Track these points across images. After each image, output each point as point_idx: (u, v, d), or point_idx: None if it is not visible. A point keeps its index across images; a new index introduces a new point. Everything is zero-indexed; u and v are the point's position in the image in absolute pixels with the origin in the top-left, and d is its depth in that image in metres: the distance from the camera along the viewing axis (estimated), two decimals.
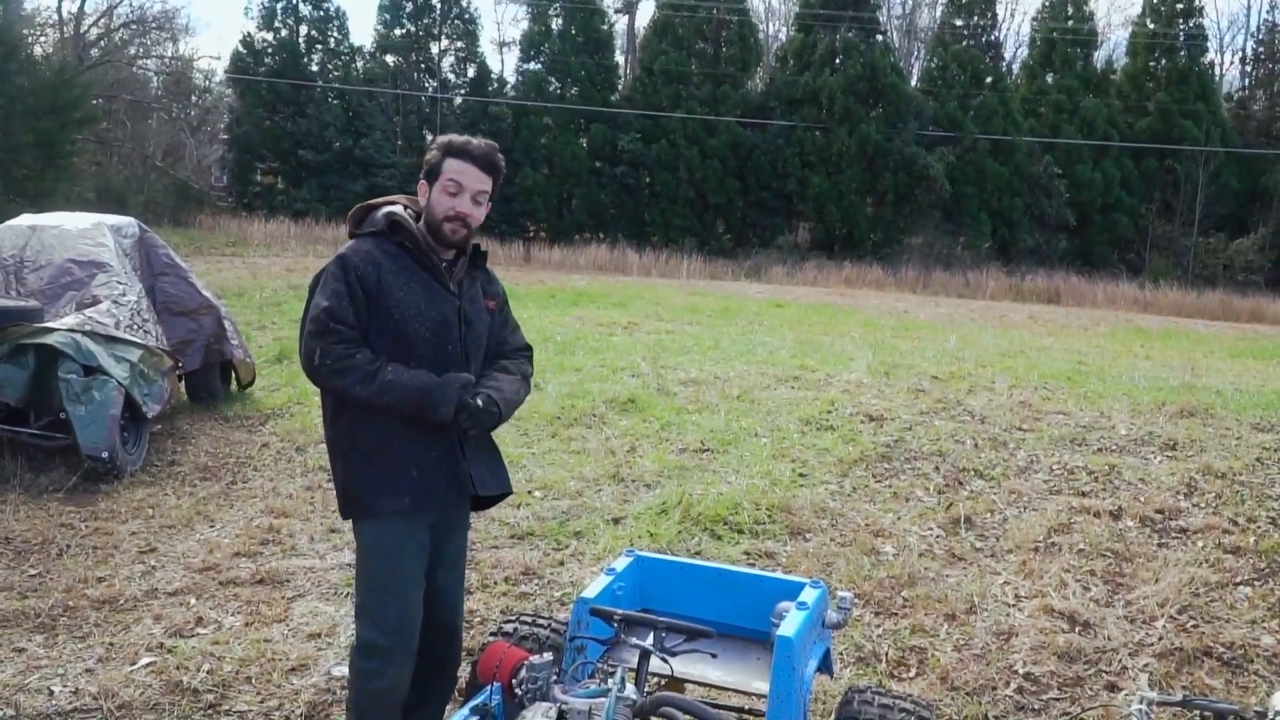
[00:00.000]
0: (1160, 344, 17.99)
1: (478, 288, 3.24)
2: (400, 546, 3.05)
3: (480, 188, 3.09)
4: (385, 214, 3.12)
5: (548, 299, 19.09)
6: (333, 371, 2.93)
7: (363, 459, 3.05)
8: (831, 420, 9.00)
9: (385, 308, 3.01)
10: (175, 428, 8.02)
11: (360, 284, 2.99)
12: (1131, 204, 37.13)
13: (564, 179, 35.91)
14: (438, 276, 3.10)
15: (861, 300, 24.21)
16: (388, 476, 3.02)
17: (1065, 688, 4.28)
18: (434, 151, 3.12)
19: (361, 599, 3.12)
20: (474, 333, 3.17)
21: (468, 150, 3.08)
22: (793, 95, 36.36)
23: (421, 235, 3.09)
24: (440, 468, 3.07)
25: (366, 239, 3.12)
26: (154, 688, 3.95)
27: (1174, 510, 6.70)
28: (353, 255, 3.04)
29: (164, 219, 30.18)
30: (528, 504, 6.36)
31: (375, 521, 3.06)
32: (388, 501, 3.02)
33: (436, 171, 3.07)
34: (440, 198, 3.06)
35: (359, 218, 3.21)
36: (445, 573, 3.23)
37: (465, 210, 3.06)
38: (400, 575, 3.05)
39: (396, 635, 3.04)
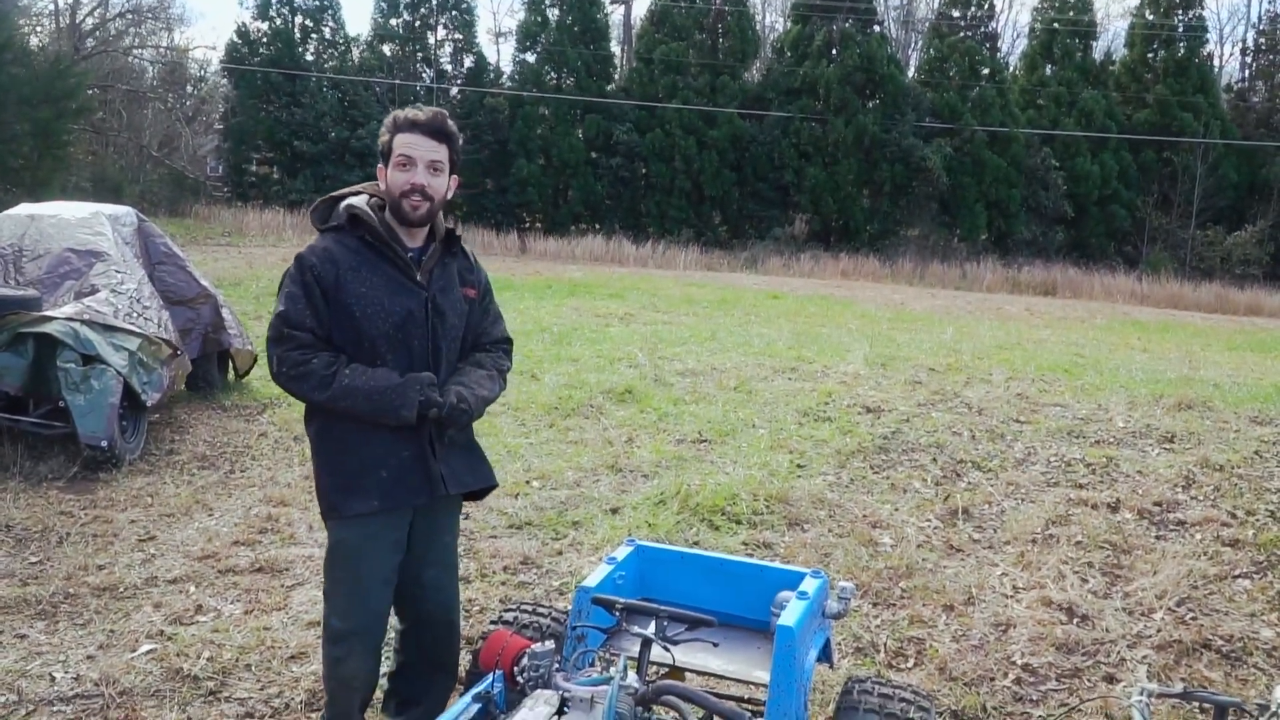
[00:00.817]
0: (1157, 337, 18.01)
1: (452, 275, 3.13)
2: (367, 547, 3.02)
3: (433, 157, 2.97)
4: (345, 207, 3.02)
5: (544, 289, 19.08)
6: (289, 379, 2.90)
7: (332, 460, 3.01)
8: (829, 411, 9.01)
9: (345, 306, 2.93)
10: (173, 417, 8.02)
11: (318, 284, 2.91)
12: (1129, 196, 37.11)
13: (560, 170, 35.82)
14: (403, 268, 3.00)
15: (858, 292, 24.22)
16: (357, 478, 2.97)
17: (1063, 679, 4.29)
18: (383, 132, 3.02)
19: (330, 590, 3.12)
20: (446, 324, 3.06)
21: (413, 121, 2.96)
22: (790, 86, 36.30)
23: (383, 226, 2.99)
24: (412, 469, 3.01)
25: (327, 235, 3.03)
26: (154, 674, 3.95)
27: (1172, 503, 6.71)
28: (309, 255, 2.96)
29: (160, 209, 30.13)
30: (526, 494, 6.36)
31: (345, 522, 3.02)
32: (356, 503, 2.98)
33: (388, 150, 2.98)
34: (395, 174, 2.96)
35: (323, 212, 3.12)
36: (436, 572, 3.20)
37: (420, 181, 2.94)
38: (366, 575, 3.04)
39: (359, 628, 3.06)
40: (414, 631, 3.23)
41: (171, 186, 33.48)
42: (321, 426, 3.01)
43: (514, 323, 13.43)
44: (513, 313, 14.84)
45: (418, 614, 3.21)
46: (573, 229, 35.44)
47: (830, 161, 35.34)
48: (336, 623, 3.06)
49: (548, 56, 37.11)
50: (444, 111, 3.02)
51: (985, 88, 36.90)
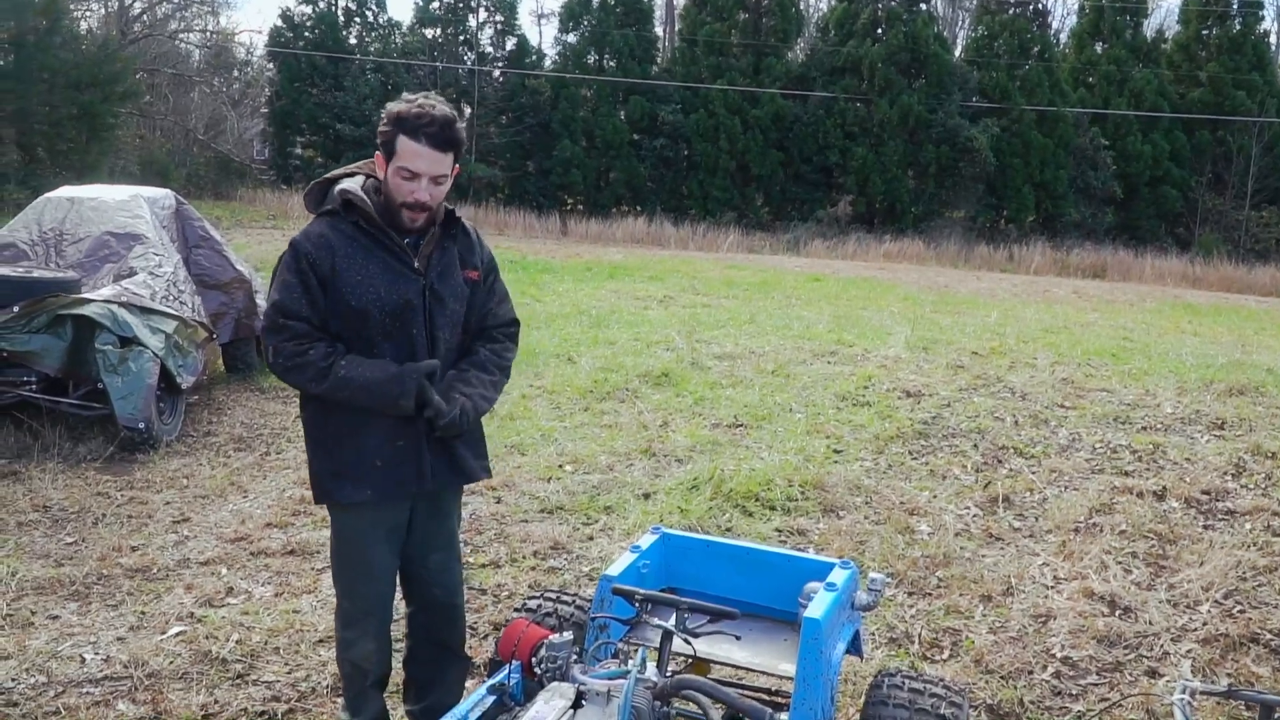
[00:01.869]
0: (1209, 320, 17.59)
1: (452, 258, 3.01)
2: (367, 534, 3.00)
3: (439, 170, 2.82)
4: (339, 192, 2.91)
5: (583, 272, 19.04)
6: (286, 370, 2.84)
7: (325, 447, 2.97)
8: (868, 396, 8.88)
9: (341, 294, 2.85)
10: (211, 399, 8.08)
11: (313, 271, 2.83)
12: (1181, 177, 36.25)
13: (603, 151, 35.68)
14: (399, 255, 2.90)
15: (901, 275, 23.91)
16: (350, 467, 2.93)
17: (1104, 673, 4.18)
18: (386, 124, 2.82)
19: (336, 573, 3.11)
20: (445, 311, 2.97)
21: (421, 130, 2.76)
22: (834, 65, 35.85)
23: (379, 211, 2.88)
24: (406, 460, 2.96)
25: (322, 220, 2.92)
26: (183, 657, 3.96)
27: (1221, 491, 6.53)
28: (304, 241, 2.87)
29: (206, 192, 30.50)
30: (558, 478, 6.33)
31: (341, 510, 3.01)
32: (351, 492, 2.94)
33: (390, 149, 2.81)
34: (396, 182, 2.82)
35: (317, 195, 3.01)
36: (440, 556, 3.17)
37: (423, 198, 2.82)
38: (368, 559, 3.02)
39: (366, 610, 3.06)
40: (420, 615, 3.23)
41: (217, 170, 33.84)
42: (316, 412, 2.97)
43: (552, 305, 13.51)
44: (551, 295, 14.83)
45: (423, 598, 3.20)
46: (614, 211, 35.35)
47: (876, 142, 34.87)
48: (346, 605, 3.09)
49: (590, 38, 36.95)
50: (453, 116, 2.84)
51: (1034, 66, 36.16)
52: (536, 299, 14.43)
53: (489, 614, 4.43)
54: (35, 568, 4.75)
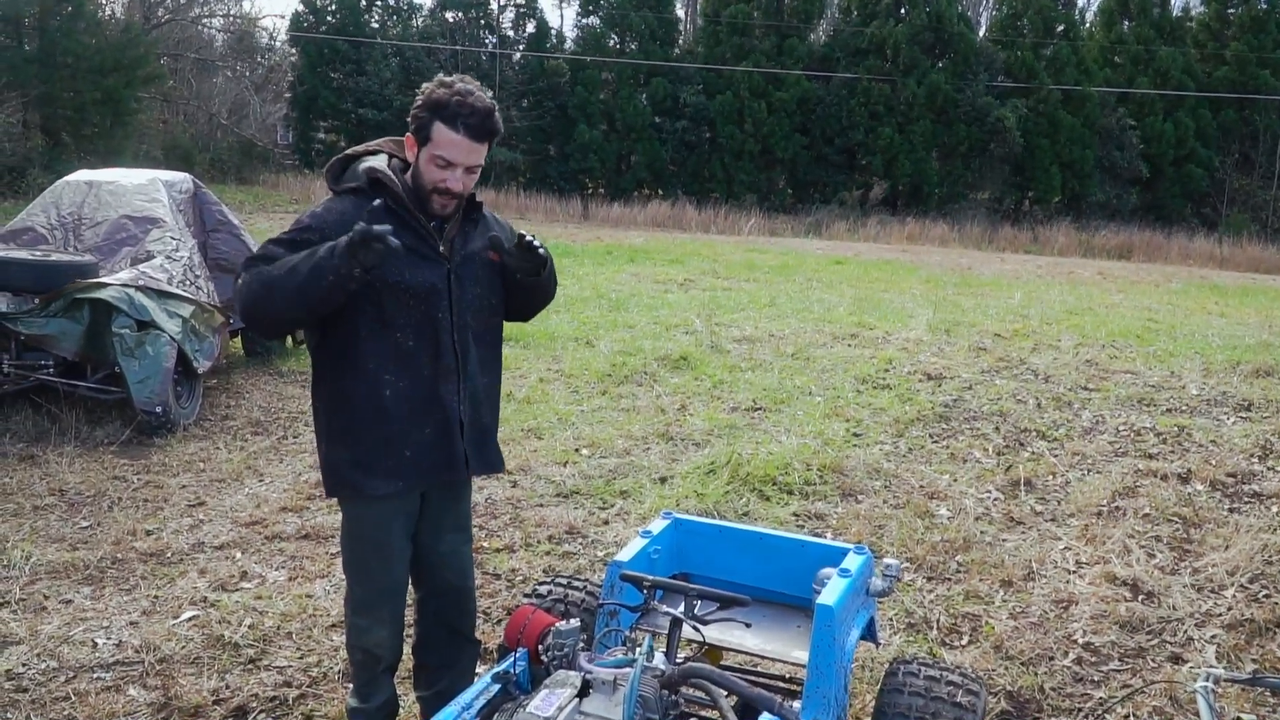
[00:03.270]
0: (1236, 301, 17.34)
1: (474, 243, 2.91)
2: (386, 522, 2.90)
3: (474, 161, 2.73)
4: (366, 169, 2.78)
5: (604, 255, 18.98)
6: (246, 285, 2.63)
7: (347, 435, 2.82)
8: (888, 379, 8.79)
9: None
10: (230, 382, 8.10)
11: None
12: (1207, 156, 35.71)
13: (624, 135, 35.51)
14: (425, 238, 2.79)
15: (924, 257, 23.71)
16: (377, 457, 2.81)
17: (1127, 659, 4.10)
18: (422, 109, 2.70)
19: (349, 562, 3.00)
20: (467, 296, 2.88)
21: (460, 119, 2.65)
22: (857, 46, 35.48)
23: (406, 192, 2.77)
24: (436, 447, 2.86)
25: (345, 197, 2.78)
26: (196, 641, 3.96)
27: (1247, 474, 6.42)
28: (325, 215, 2.72)
29: (229, 176, 30.60)
30: (575, 462, 6.29)
31: (365, 503, 2.88)
32: (378, 483, 2.82)
33: (425, 134, 2.70)
34: (429, 168, 2.71)
35: (338, 172, 2.87)
36: (452, 537, 3.09)
37: (455, 187, 2.72)
38: (385, 546, 2.93)
39: (382, 596, 2.97)
40: (431, 600, 3.15)
41: (240, 155, 33.92)
42: (335, 397, 2.84)
43: (572, 289, 13.45)
44: (570, 279, 14.77)
45: (434, 582, 3.12)
46: (636, 194, 35.21)
47: (904, 122, 34.50)
48: (360, 592, 2.99)
49: (611, 20, 36.75)
50: (493, 105, 2.73)
51: (1060, 45, 35.68)
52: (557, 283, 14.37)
53: (502, 599, 4.40)
54: (50, 551, 4.76)
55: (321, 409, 2.90)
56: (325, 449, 2.90)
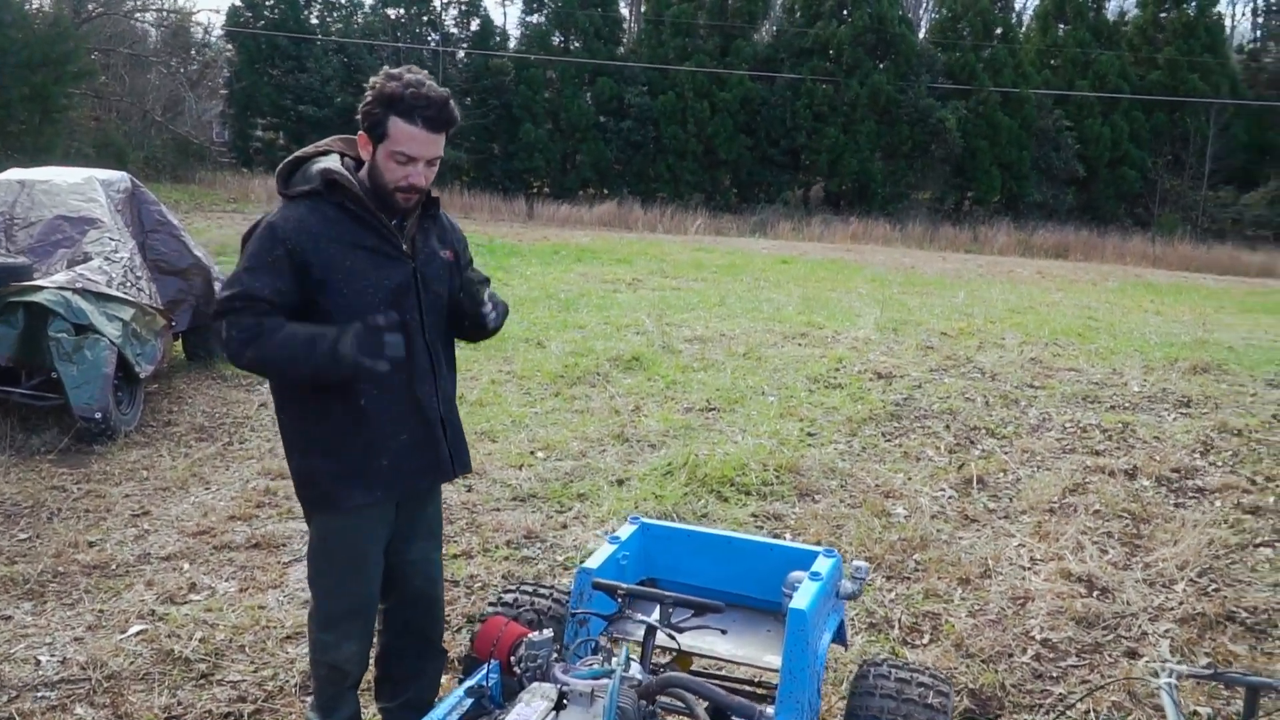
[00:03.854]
0: (1171, 299, 17.77)
1: (433, 242, 2.86)
2: (364, 533, 2.83)
3: (434, 153, 2.66)
4: (321, 171, 2.68)
5: (551, 255, 18.88)
6: (240, 343, 2.56)
7: (321, 449, 2.73)
8: (839, 378, 8.84)
9: (332, 283, 2.62)
10: (172, 387, 7.89)
11: (290, 259, 2.58)
12: (1140, 157, 36.62)
13: (569, 134, 35.41)
14: (387, 238, 2.71)
15: (868, 256, 23.95)
16: (356, 469, 2.73)
17: (1084, 654, 4.15)
18: (374, 105, 2.61)
19: (318, 577, 2.90)
20: (431, 295, 2.83)
21: (417, 111, 2.59)
22: (801, 47, 35.75)
23: (365, 191, 2.68)
24: (415, 453, 2.80)
25: (299, 203, 2.68)
26: (144, 657, 3.83)
27: (1190, 469, 6.55)
28: (283, 225, 2.61)
29: (164, 175, 29.91)
30: (530, 465, 6.22)
31: (341, 515, 2.79)
32: (358, 494, 2.74)
33: (381, 131, 2.62)
34: (389, 165, 2.64)
35: (288, 174, 2.76)
36: (422, 544, 3.02)
37: (419, 182, 2.67)
38: (361, 559, 2.85)
39: (354, 611, 2.88)
40: (399, 609, 3.07)
41: (176, 153, 33.15)
42: (310, 409, 2.74)
43: (520, 289, 13.36)
44: (518, 279, 14.68)
45: (403, 591, 3.04)
46: (581, 194, 35.12)
47: (847, 123, 34.83)
48: (329, 607, 2.89)
49: (555, 19, 36.61)
50: (447, 94, 2.67)
51: (998, 48, 36.30)
52: (504, 282, 14.27)
53: (462, 606, 4.32)
54: None
55: (292, 421, 2.80)
56: (300, 462, 2.80)
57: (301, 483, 2.82)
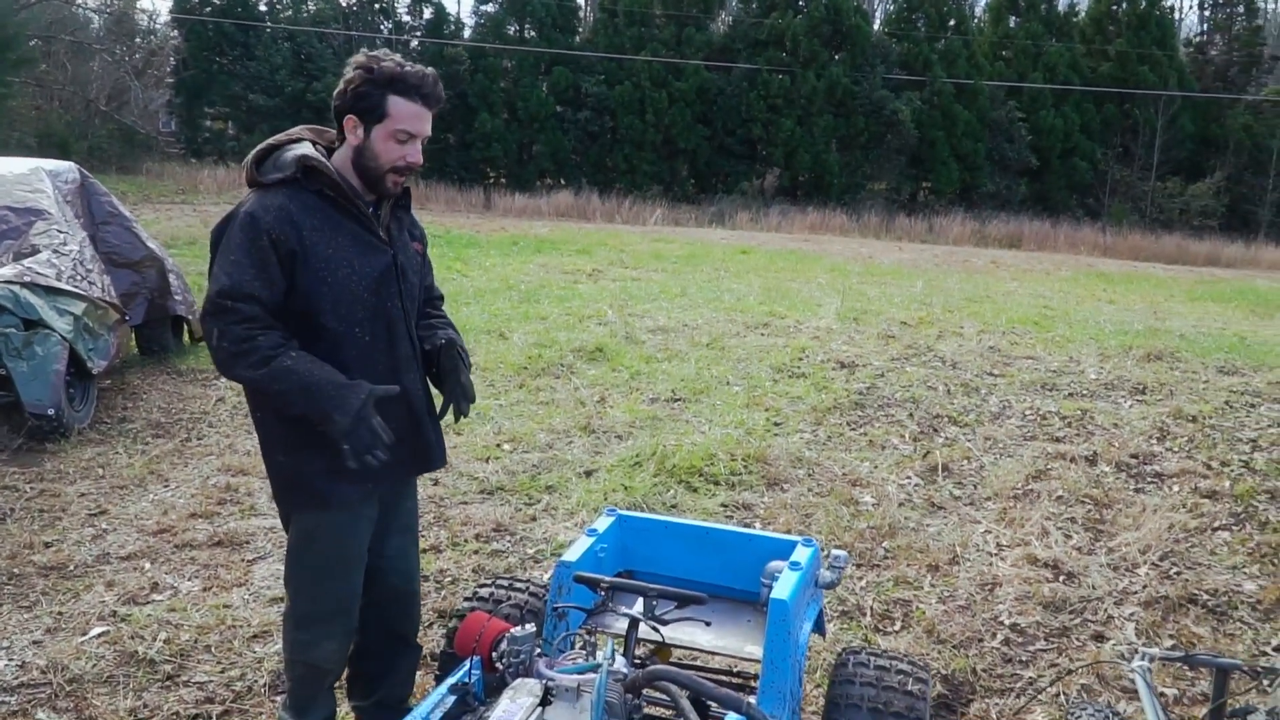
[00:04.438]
0: (1122, 288, 18.05)
1: (405, 233, 2.85)
2: (350, 529, 2.77)
3: (428, 131, 2.66)
4: (297, 157, 2.61)
5: (510, 246, 18.76)
6: (231, 355, 2.51)
7: (308, 445, 2.65)
8: (803, 368, 8.87)
9: (316, 271, 2.58)
10: (126, 383, 7.72)
11: (275, 249, 2.53)
12: (1090, 149, 37.19)
13: (525, 124, 35.20)
14: (366, 225, 2.68)
15: (826, 246, 24.08)
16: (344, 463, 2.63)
17: (1052, 638, 4.20)
18: (364, 82, 2.58)
19: (298, 576, 2.83)
20: (408, 284, 2.80)
21: (418, 89, 2.59)
22: (757, 37, 35.83)
23: (343, 180, 2.64)
24: (400, 443, 2.74)
25: (276, 190, 2.61)
26: (107, 659, 3.74)
27: (1148, 455, 6.65)
28: (263, 214, 2.54)
29: (109, 166, 29.31)
30: (497, 458, 6.17)
31: (331, 511, 2.73)
32: (348, 490, 2.69)
33: (380, 112, 2.59)
34: (388, 146, 2.61)
35: (259, 160, 2.70)
36: (399, 539, 2.98)
37: (416, 160, 2.66)
38: (347, 558, 2.80)
39: (336, 610, 2.83)
40: (375, 607, 3.02)
41: (121, 143, 32.53)
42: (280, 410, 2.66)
43: (480, 280, 13.26)
44: (478, 270, 14.57)
45: (380, 587, 2.99)
46: (539, 184, 34.94)
47: (803, 115, 34.97)
48: (307, 606, 2.82)
49: (510, 7, 36.34)
50: (434, 70, 2.70)
51: (952, 40, 36.65)
52: (463, 274, 14.16)
53: (433, 601, 4.27)
54: None
55: (273, 420, 2.71)
56: (285, 460, 2.72)
57: (288, 482, 2.74)
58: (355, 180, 2.70)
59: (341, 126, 2.68)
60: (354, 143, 2.66)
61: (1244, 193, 36.16)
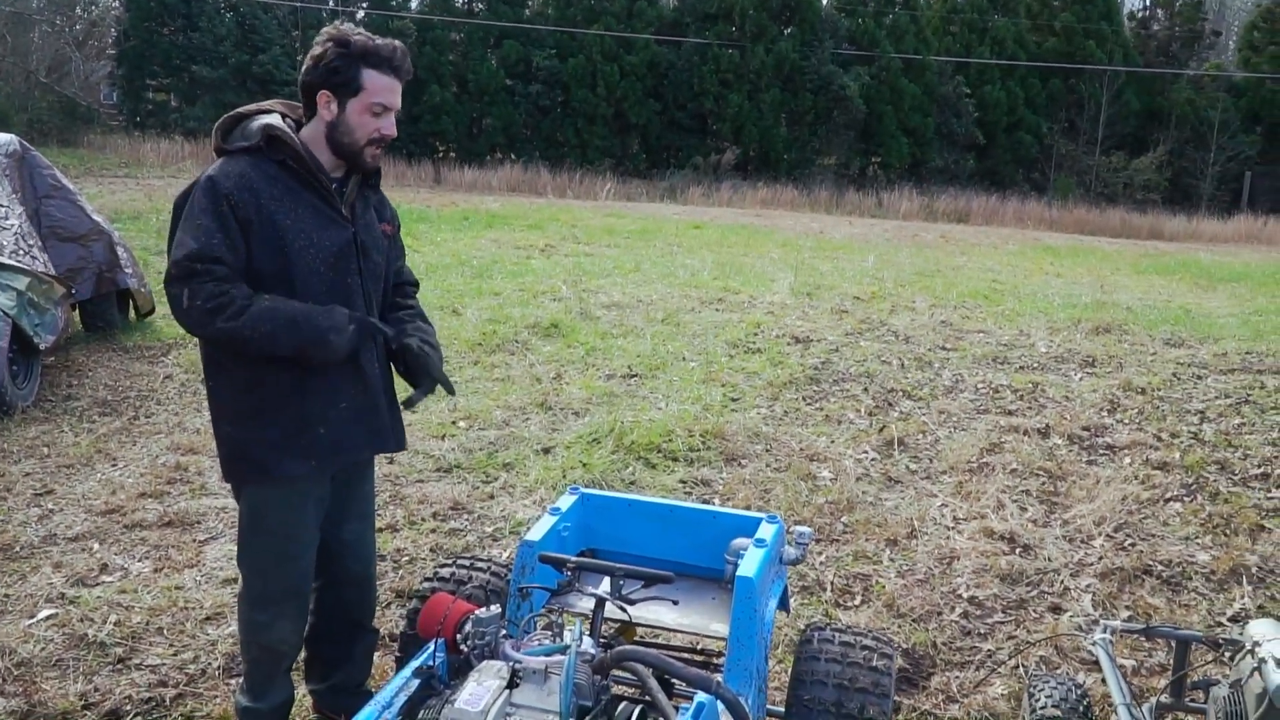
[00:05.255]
0: (1069, 261, 18.31)
1: (371, 211, 2.81)
2: (296, 507, 2.74)
3: (400, 103, 2.66)
4: (261, 126, 2.60)
5: (461, 221, 18.56)
6: (205, 312, 2.48)
7: (255, 417, 2.64)
8: (758, 343, 8.89)
9: (271, 241, 2.56)
10: (70, 360, 7.53)
11: (234, 214, 2.52)
12: (1036, 123, 37.59)
13: (475, 97, 34.78)
14: (328, 199, 2.65)
15: (778, 221, 24.12)
16: (290, 437, 2.64)
17: (1010, 610, 4.25)
18: (336, 56, 2.56)
19: (249, 555, 2.80)
20: (371, 263, 2.76)
21: (389, 61, 2.59)
22: (707, 11, 35.66)
23: (306, 152, 2.61)
24: (353, 421, 2.73)
25: (239, 158, 2.59)
26: (56, 642, 3.65)
27: (1099, 427, 6.76)
28: (224, 180, 2.53)
29: (50, 138, 28.51)
30: (453, 435, 6.11)
31: (273, 486, 2.70)
32: (291, 463, 2.66)
33: (356, 85, 2.57)
34: (363, 120, 2.59)
35: (227, 129, 2.68)
36: (355, 524, 2.95)
37: (391, 132, 2.64)
38: (294, 535, 2.76)
39: (288, 590, 2.80)
40: (331, 590, 2.99)
41: (62, 115, 31.65)
42: (245, 377, 2.64)
43: (431, 255, 13.11)
44: (429, 245, 14.40)
45: (336, 571, 2.96)
46: (489, 158, 34.58)
47: (752, 90, 34.92)
48: (261, 586, 2.79)
49: None
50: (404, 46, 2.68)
51: (900, 15, 36.76)
52: (415, 249, 13.96)
53: (390, 581, 4.22)
54: None
55: (223, 388, 2.69)
56: (231, 430, 2.69)
57: (232, 453, 2.71)
58: (326, 155, 2.66)
59: (313, 102, 2.64)
60: (328, 118, 2.63)
61: (1185, 167, 36.80)
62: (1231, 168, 36.22)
